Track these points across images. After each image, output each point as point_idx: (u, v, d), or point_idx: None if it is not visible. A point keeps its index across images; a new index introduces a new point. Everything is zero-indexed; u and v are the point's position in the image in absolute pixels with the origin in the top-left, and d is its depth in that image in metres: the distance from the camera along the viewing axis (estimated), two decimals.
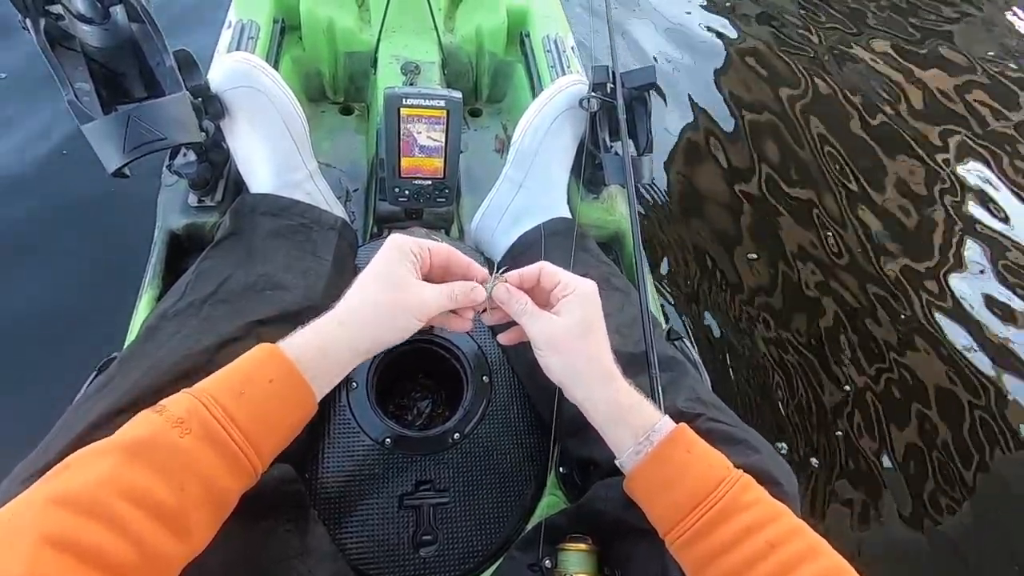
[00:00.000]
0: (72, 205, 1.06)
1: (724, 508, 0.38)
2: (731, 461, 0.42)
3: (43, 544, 0.28)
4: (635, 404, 0.44)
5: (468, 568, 0.58)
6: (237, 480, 0.37)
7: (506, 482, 0.62)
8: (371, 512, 0.58)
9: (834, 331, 1.31)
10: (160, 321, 0.54)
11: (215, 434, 0.35)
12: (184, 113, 0.55)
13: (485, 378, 0.67)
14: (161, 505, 0.32)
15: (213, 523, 0.36)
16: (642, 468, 0.42)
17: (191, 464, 0.34)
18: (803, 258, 1.43)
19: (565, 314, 0.45)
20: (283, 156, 0.70)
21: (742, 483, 0.39)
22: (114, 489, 0.31)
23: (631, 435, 0.43)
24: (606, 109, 0.74)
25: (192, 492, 0.34)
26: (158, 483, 0.33)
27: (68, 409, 0.48)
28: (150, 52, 0.54)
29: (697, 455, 0.41)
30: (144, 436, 0.34)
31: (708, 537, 0.38)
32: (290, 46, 1.03)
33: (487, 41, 1.08)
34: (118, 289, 0.79)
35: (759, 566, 0.36)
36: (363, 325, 0.43)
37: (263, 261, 0.61)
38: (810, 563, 0.36)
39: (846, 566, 0.36)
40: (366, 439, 0.61)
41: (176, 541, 0.33)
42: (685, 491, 0.40)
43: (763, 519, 0.37)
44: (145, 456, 0.33)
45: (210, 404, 0.36)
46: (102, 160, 0.51)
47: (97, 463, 0.33)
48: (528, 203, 0.76)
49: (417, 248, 0.46)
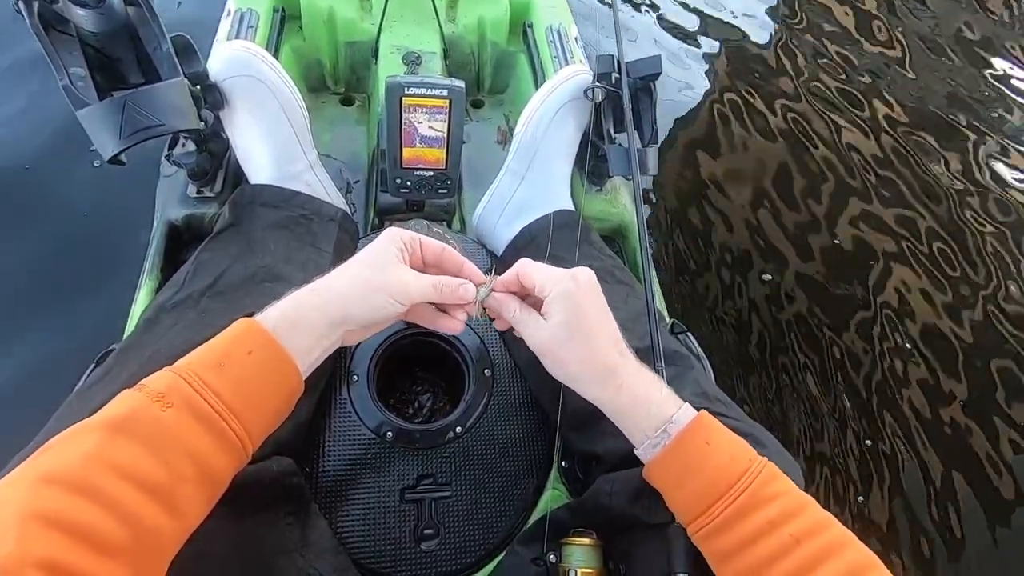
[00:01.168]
0: (69, 194, 1.05)
1: (746, 502, 0.37)
2: None
3: (33, 521, 0.28)
4: (643, 398, 0.43)
5: (470, 562, 0.57)
6: (225, 455, 0.36)
7: (508, 476, 0.61)
8: (372, 505, 0.57)
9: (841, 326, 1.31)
10: (159, 313, 0.53)
11: (197, 406, 0.35)
12: (182, 99, 0.54)
13: (487, 372, 0.66)
14: (148, 479, 0.32)
15: (203, 501, 0.35)
16: (659, 461, 0.41)
17: (175, 437, 0.34)
18: (805, 251, 1.42)
19: (548, 318, 0.44)
20: (283, 146, 0.69)
21: (765, 475, 0.38)
22: (101, 465, 0.31)
23: (644, 430, 0.42)
24: (611, 99, 0.73)
25: (178, 466, 0.33)
26: (144, 457, 0.32)
27: (66, 400, 0.47)
28: (147, 37, 0.53)
29: (717, 446, 0.40)
30: (126, 412, 0.33)
31: (730, 531, 0.37)
32: (290, 35, 1.02)
33: (489, 31, 1.07)
34: (116, 280, 0.78)
35: (782, 562, 0.35)
36: (336, 295, 0.42)
37: (262, 253, 0.60)
38: (836, 558, 0.35)
39: (873, 561, 0.36)
40: (367, 432, 0.60)
41: (166, 516, 0.32)
42: (705, 483, 0.39)
43: (787, 512, 0.36)
44: (128, 431, 0.32)
45: (190, 377, 0.35)
46: (98, 146, 0.50)
47: (81, 441, 0.32)
48: (531, 195, 0.75)
49: (408, 238, 0.45)
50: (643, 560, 0.46)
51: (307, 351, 0.40)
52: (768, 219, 1.47)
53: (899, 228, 1.52)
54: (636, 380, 0.43)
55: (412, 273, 0.44)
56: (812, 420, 1.16)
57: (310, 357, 0.41)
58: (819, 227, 1.48)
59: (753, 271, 1.36)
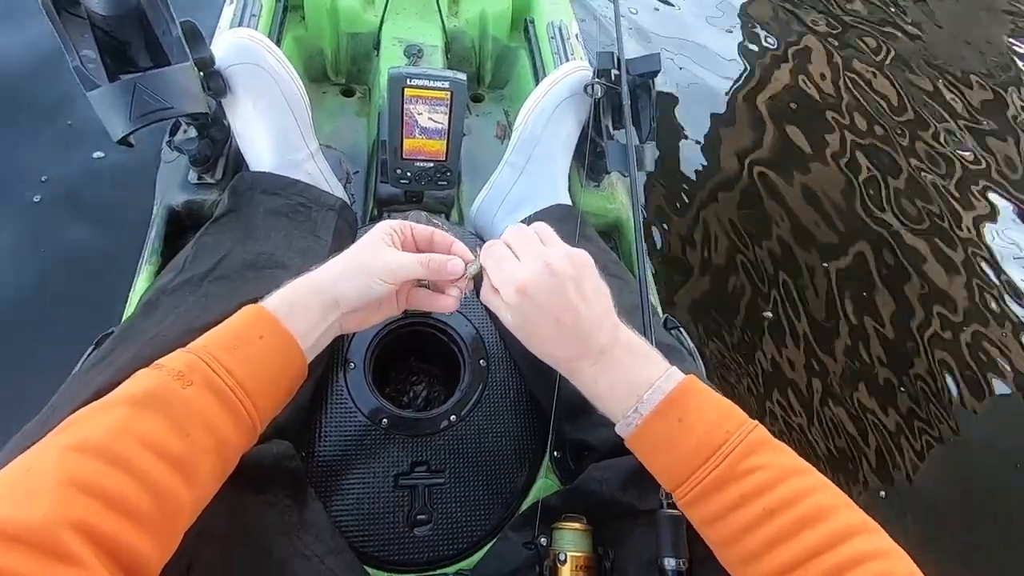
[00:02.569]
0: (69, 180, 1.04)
1: (716, 479, 0.38)
2: None
3: (68, 486, 0.29)
4: (613, 383, 0.42)
5: (462, 547, 0.58)
6: (238, 432, 0.38)
7: (500, 465, 0.62)
8: (366, 491, 0.58)
9: (834, 317, 1.32)
10: (159, 296, 0.54)
11: (216, 385, 0.36)
12: (191, 82, 0.55)
13: (482, 362, 0.67)
14: (171, 451, 0.33)
15: (218, 475, 0.37)
16: (633, 440, 0.42)
17: (196, 412, 0.35)
18: (805, 243, 1.44)
19: (509, 315, 0.44)
20: (284, 135, 0.69)
21: (741, 450, 0.38)
22: (128, 436, 0.32)
23: (617, 410, 0.42)
24: (610, 96, 0.74)
25: (198, 440, 0.35)
26: (167, 430, 0.34)
27: (67, 380, 0.48)
28: (156, 21, 0.53)
29: (691, 422, 0.39)
30: (149, 388, 0.35)
31: (703, 505, 0.38)
32: (292, 25, 1.02)
33: (491, 26, 1.08)
34: (115, 264, 0.78)
35: (756, 533, 0.36)
36: (330, 279, 0.44)
37: (263, 239, 0.61)
38: (811, 530, 0.35)
39: (862, 526, 0.35)
40: (362, 419, 0.61)
41: (186, 487, 0.34)
42: (676, 461, 0.39)
43: (762, 486, 0.37)
44: (152, 406, 0.34)
45: (208, 359, 0.37)
46: (107, 128, 0.51)
47: (107, 415, 0.33)
48: (529, 189, 0.76)
49: (399, 225, 0.47)
50: (631, 545, 0.47)
51: (305, 334, 0.42)
52: (763, 219, 1.48)
53: (901, 221, 1.54)
54: (610, 364, 0.42)
55: (399, 253, 0.46)
56: (807, 416, 1.17)
57: (308, 341, 0.42)
58: (817, 225, 1.49)
59: (748, 269, 1.37)
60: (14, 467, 0.30)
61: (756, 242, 1.42)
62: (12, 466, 0.30)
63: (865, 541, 0.35)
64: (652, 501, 0.46)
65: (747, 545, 0.36)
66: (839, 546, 0.34)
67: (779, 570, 0.35)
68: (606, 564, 0.49)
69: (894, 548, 0.35)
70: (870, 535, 0.35)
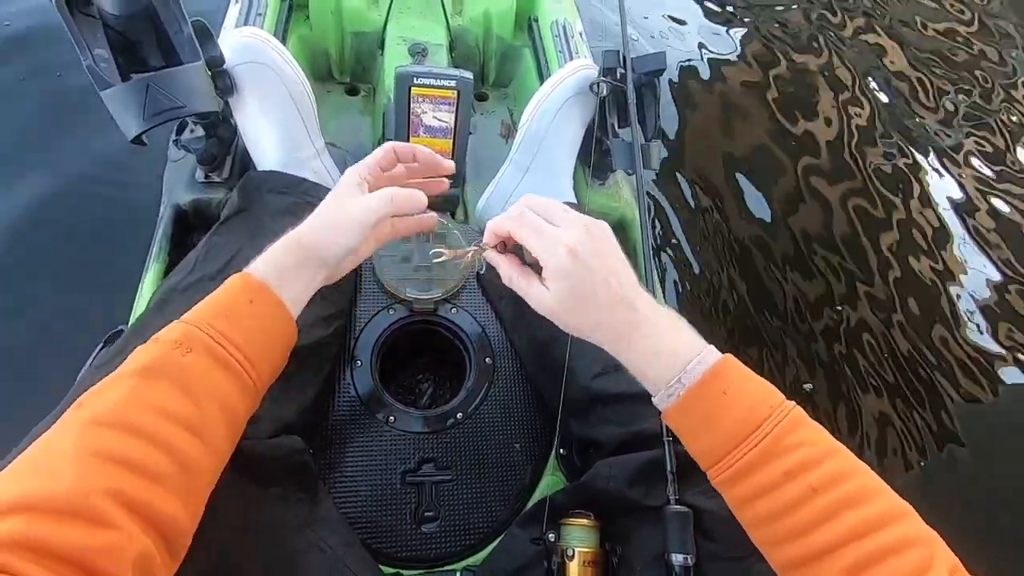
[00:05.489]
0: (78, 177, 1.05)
1: (760, 454, 0.36)
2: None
3: (91, 457, 0.30)
4: (658, 350, 0.40)
5: (469, 543, 0.59)
6: (242, 396, 0.38)
7: (507, 462, 0.63)
8: (374, 487, 0.58)
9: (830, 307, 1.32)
10: (171, 295, 0.54)
11: (214, 350, 0.37)
12: (203, 81, 0.55)
13: (488, 360, 0.68)
14: (183, 415, 0.34)
15: (229, 438, 0.38)
16: (673, 411, 0.40)
17: (200, 378, 0.36)
18: (807, 239, 1.44)
19: (551, 290, 0.41)
20: (291, 133, 0.69)
21: (785, 425, 0.37)
22: (140, 405, 0.33)
23: (658, 380, 0.40)
24: (615, 94, 0.74)
25: (206, 404, 0.36)
26: (177, 396, 0.34)
27: (79, 377, 0.49)
28: (168, 20, 0.54)
29: (736, 395, 0.38)
30: (151, 360, 0.35)
31: (744, 481, 0.37)
32: (297, 24, 1.02)
33: (495, 24, 1.08)
34: (122, 263, 0.79)
35: (798, 511, 0.35)
36: (309, 229, 0.45)
37: (272, 238, 0.61)
38: (857, 508, 0.34)
39: (903, 510, 0.35)
40: (369, 416, 0.62)
41: (202, 449, 0.35)
42: (720, 436, 0.38)
43: (806, 462, 0.35)
44: (158, 374, 0.35)
45: (203, 326, 0.38)
46: (121, 126, 0.51)
47: (116, 388, 0.34)
48: (534, 187, 0.76)
49: (365, 168, 0.49)
50: (638, 541, 0.48)
51: (289, 288, 0.43)
52: (770, 216, 1.48)
53: (904, 219, 1.54)
54: (652, 330, 0.41)
55: (366, 196, 0.46)
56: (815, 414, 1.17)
57: (294, 296, 0.43)
58: (822, 223, 1.49)
59: (755, 267, 1.38)
60: (34, 449, 0.31)
61: (768, 240, 1.42)
62: (32, 449, 0.31)
63: (906, 525, 0.34)
64: (659, 497, 0.46)
65: (788, 524, 0.35)
66: (883, 529, 0.33)
67: (819, 551, 0.34)
68: (613, 560, 0.49)
69: (931, 534, 0.34)
70: (910, 519, 0.34)
